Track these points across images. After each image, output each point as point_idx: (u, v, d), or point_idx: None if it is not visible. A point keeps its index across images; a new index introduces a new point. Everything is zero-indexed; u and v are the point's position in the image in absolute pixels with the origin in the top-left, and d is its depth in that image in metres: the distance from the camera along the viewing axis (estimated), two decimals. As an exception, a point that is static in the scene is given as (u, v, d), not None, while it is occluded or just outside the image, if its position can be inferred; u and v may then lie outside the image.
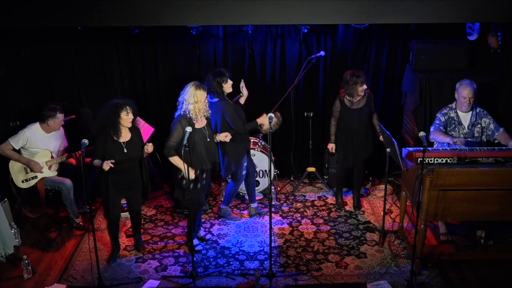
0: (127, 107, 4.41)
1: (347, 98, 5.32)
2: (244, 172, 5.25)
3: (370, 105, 5.41)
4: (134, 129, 4.59)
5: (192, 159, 4.53)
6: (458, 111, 4.83)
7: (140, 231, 5.07)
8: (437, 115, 4.92)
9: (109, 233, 4.84)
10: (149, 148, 4.60)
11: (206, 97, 4.55)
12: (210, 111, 4.66)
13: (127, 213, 5.58)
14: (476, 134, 4.83)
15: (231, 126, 4.94)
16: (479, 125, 4.83)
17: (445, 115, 4.85)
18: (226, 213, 5.52)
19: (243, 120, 5.05)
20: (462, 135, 4.81)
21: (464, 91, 4.70)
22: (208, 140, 4.66)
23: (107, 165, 4.31)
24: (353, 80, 5.18)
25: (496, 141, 4.79)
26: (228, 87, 4.98)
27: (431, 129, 4.86)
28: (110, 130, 4.40)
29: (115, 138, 4.43)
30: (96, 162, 4.41)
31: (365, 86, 5.22)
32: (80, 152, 5.22)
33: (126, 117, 4.41)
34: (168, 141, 4.53)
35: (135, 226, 4.99)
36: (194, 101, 4.47)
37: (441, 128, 4.81)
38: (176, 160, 4.55)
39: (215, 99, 4.95)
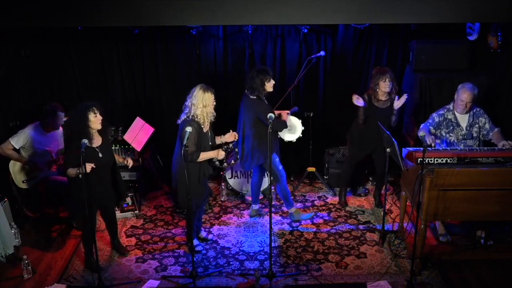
0: (94, 108, 4.20)
1: (373, 96, 5.25)
2: (280, 167, 5.20)
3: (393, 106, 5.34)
4: (104, 132, 4.42)
5: (201, 165, 4.53)
6: (455, 112, 4.83)
7: (117, 234, 4.98)
8: (432, 114, 4.91)
9: (85, 242, 4.62)
10: (129, 162, 4.59)
11: (214, 100, 4.49)
12: (214, 114, 4.59)
13: (127, 213, 5.59)
14: (474, 135, 4.83)
15: (265, 124, 4.86)
16: (476, 125, 4.83)
17: (440, 116, 4.84)
18: (298, 215, 5.41)
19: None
20: (460, 137, 4.82)
21: (464, 95, 4.70)
22: (210, 143, 4.64)
23: (89, 167, 4.11)
24: (377, 77, 5.13)
25: (492, 141, 4.79)
26: (269, 86, 4.94)
27: (421, 126, 4.87)
28: (82, 136, 4.13)
29: (88, 144, 4.17)
30: (71, 170, 4.19)
31: (388, 83, 5.10)
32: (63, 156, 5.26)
33: (95, 119, 4.21)
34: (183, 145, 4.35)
35: (112, 231, 4.89)
36: (203, 106, 4.40)
37: (431, 128, 4.81)
38: (204, 156, 4.50)
39: (253, 97, 4.93)
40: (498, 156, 4.41)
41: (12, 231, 4.88)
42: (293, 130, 5.69)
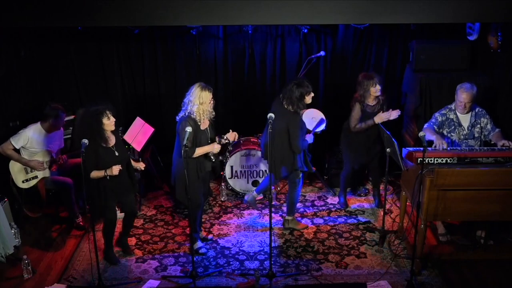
0: (107, 112, 4.30)
1: (363, 101, 5.23)
2: (301, 175, 5.11)
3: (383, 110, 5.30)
4: (115, 130, 4.50)
5: (198, 161, 4.54)
6: (457, 112, 4.83)
7: (128, 233, 5.02)
8: (434, 114, 4.91)
9: (107, 236, 4.72)
10: (141, 166, 4.71)
11: (211, 99, 4.50)
12: (214, 113, 4.63)
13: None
14: (476, 135, 4.82)
15: (289, 138, 4.81)
16: (478, 125, 4.82)
17: (443, 116, 4.84)
18: (293, 225, 5.31)
19: (303, 134, 4.91)
20: (462, 136, 4.81)
21: (462, 95, 4.69)
22: (210, 142, 4.65)
23: (116, 170, 4.28)
24: (365, 82, 5.13)
25: (492, 142, 4.79)
26: (309, 99, 4.83)
27: (425, 126, 4.87)
28: (96, 139, 4.29)
29: (104, 145, 4.37)
30: (96, 173, 4.30)
31: (378, 87, 5.13)
32: (65, 156, 5.26)
33: (109, 122, 4.32)
34: (183, 145, 4.37)
35: (127, 227, 4.92)
36: (199, 103, 4.43)
37: (435, 127, 4.80)
38: (199, 152, 4.51)
39: (290, 109, 4.79)
40: (498, 156, 4.41)
41: (12, 231, 4.88)
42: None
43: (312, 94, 4.86)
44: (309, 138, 5.01)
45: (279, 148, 4.81)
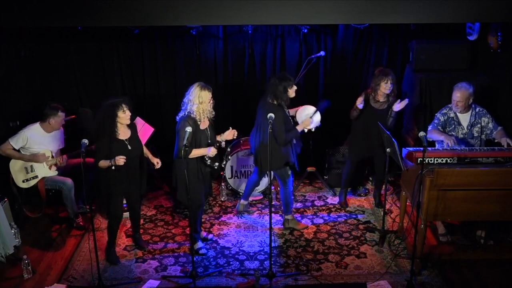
0: (123, 105, 4.37)
1: (372, 95, 5.23)
2: (290, 172, 5.12)
3: (390, 110, 5.29)
4: (131, 125, 4.58)
5: (197, 161, 4.54)
6: (456, 112, 4.83)
7: (139, 228, 5.08)
8: (436, 114, 4.92)
9: (110, 232, 4.76)
10: (157, 163, 4.75)
11: (211, 98, 4.50)
12: (213, 113, 4.63)
13: (127, 213, 5.58)
14: (475, 134, 4.82)
15: (274, 134, 4.80)
16: (478, 125, 4.82)
17: (444, 115, 4.85)
18: (293, 224, 5.33)
19: (287, 127, 4.91)
20: (461, 135, 4.81)
21: (456, 94, 4.71)
22: (210, 141, 4.64)
23: (121, 160, 4.28)
24: (379, 77, 5.11)
25: (496, 141, 4.78)
26: (292, 92, 4.87)
27: (429, 128, 4.87)
28: (110, 131, 4.37)
29: (117, 137, 4.42)
30: (103, 162, 4.35)
31: (389, 85, 5.09)
32: (65, 156, 5.26)
33: (124, 115, 4.39)
34: (179, 144, 4.39)
35: (135, 224, 4.99)
36: (199, 102, 4.43)
37: (439, 127, 4.81)
38: (196, 153, 4.51)
39: (275, 103, 4.84)
40: (498, 156, 4.41)
41: (12, 231, 4.87)
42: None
43: (295, 88, 4.89)
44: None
45: (266, 143, 4.82)
